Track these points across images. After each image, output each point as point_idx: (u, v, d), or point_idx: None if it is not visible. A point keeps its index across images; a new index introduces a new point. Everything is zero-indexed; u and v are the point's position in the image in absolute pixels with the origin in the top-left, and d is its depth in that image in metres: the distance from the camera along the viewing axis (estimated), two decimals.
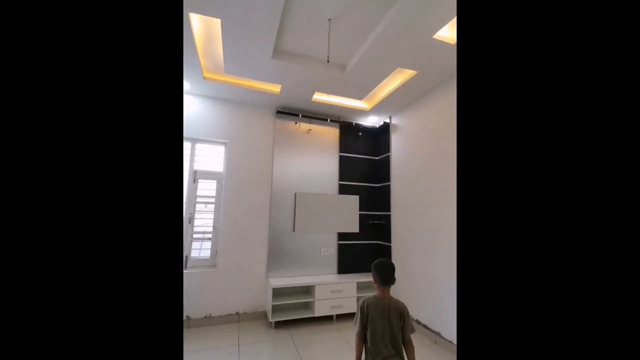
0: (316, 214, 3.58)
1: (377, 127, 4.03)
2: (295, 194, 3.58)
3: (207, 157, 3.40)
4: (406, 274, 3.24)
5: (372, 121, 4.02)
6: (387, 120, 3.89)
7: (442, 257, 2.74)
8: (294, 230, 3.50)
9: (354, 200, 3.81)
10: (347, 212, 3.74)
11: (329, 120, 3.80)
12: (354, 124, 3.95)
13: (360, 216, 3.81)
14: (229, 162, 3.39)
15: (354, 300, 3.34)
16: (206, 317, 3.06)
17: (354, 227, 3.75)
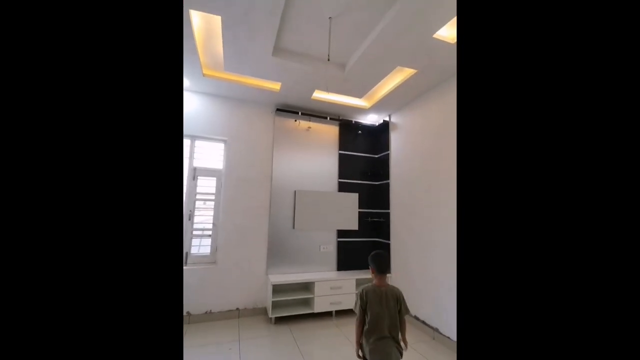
0: (316, 211, 3.60)
1: (377, 125, 4.04)
2: (294, 192, 3.59)
3: (207, 154, 3.40)
4: (404, 270, 3.27)
5: (371, 119, 4.03)
6: (386, 118, 3.89)
7: (440, 254, 2.77)
8: (294, 227, 3.52)
9: (353, 198, 3.82)
10: (347, 210, 3.76)
11: (328, 118, 3.80)
12: (353, 122, 3.95)
13: (359, 214, 3.83)
14: (229, 160, 3.40)
15: (353, 296, 3.36)
16: (206, 313, 3.09)
17: (353, 225, 3.78)
